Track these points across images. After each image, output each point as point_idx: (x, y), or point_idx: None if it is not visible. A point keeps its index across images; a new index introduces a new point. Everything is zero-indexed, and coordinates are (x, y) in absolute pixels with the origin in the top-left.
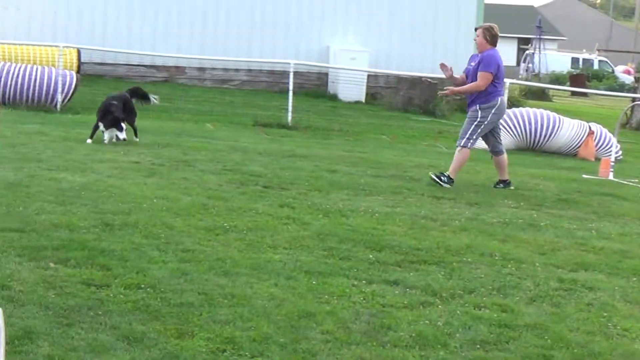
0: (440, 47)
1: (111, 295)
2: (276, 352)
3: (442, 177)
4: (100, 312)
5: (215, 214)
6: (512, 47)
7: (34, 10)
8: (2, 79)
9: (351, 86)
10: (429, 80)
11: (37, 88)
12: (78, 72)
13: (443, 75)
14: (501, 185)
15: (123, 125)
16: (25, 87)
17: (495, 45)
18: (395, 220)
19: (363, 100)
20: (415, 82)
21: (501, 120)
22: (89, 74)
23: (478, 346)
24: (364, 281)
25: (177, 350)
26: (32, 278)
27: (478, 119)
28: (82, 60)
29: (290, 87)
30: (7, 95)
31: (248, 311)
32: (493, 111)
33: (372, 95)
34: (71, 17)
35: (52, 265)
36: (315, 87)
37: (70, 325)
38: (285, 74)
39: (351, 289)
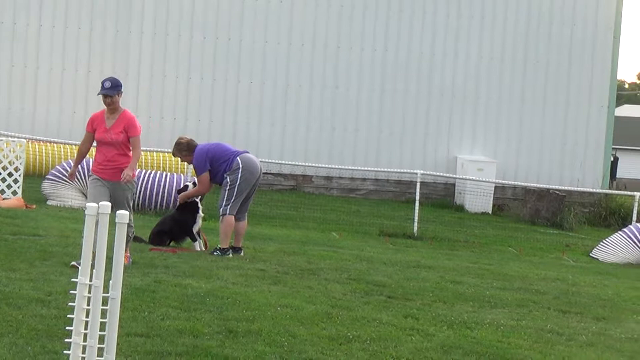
0: (568, 158)
1: None
2: None
3: (215, 252)
4: None
5: (339, 323)
6: None
7: (165, 118)
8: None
9: (478, 197)
10: (556, 192)
11: (165, 194)
12: None
13: (570, 188)
14: (229, 252)
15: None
16: (155, 192)
17: (194, 148)
18: (520, 333)
19: (490, 212)
20: (542, 194)
21: None
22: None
23: None
24: None
25: None
26: None
27: (229, 184)
28: None
29: (417, 197)
30: (136, 202)
31: None
32: (240, 173)
33: (499, 207)
34: (201, 125)
35: None
36: (441, 198)
37: None
38: (412, 184)
39: None
